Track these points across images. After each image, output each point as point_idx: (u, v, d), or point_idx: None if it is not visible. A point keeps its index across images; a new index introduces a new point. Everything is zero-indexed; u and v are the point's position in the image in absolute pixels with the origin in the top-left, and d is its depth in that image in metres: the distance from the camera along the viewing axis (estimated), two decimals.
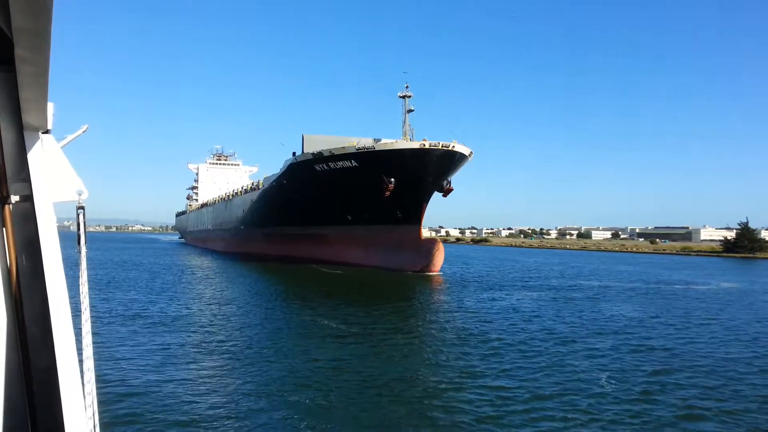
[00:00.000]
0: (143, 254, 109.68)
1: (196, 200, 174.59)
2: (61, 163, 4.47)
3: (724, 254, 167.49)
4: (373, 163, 61.15)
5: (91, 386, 3.97)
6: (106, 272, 61.19)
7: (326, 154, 64.49)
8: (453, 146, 59.72)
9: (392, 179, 60.94)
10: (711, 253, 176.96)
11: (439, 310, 36.64)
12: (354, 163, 62.73)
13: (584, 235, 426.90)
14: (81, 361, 3.93)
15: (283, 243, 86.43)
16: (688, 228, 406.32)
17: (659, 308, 40.08)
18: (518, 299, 43.22)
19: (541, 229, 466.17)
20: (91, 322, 4.25)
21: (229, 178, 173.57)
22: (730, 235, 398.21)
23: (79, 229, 4.39)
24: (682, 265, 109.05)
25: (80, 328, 4.14)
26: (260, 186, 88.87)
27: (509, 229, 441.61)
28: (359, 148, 61.34)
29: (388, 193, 61.49)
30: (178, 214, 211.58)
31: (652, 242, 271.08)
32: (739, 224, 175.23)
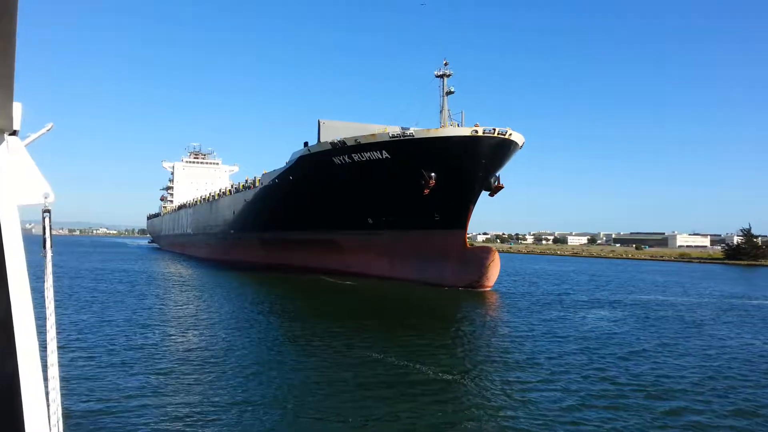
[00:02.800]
0: (115, 260, 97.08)
1: (171, 201, 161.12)
2: (27, 166, 4.44)
3: (727, 261, 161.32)
4: (411, 154, 50.34)
5: (56, 394, 3.98)
6: (79, 283, 49.09)
7: (350, 143, 53.37)
8: (510, 134, 49.27)
9: (432, 174, 50.19)
10: (712, 260, 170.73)
11: (512, 348, 26.11)
12: (385, 155, 51.76)
13: (560, 240, 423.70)
14: (45, 369, 3.97)
15: (283, 250, 74.82)
16: (663, 234, 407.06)
17: None
18: (642, 333, 32.96)
19: (517, 234, 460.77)
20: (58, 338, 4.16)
21: (207, 178, 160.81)
22: (705, 241, 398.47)
23: (44, 232, 4.32)
24: (703, 273, 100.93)
25: (45, 335, 4.15)
26: (257, 183, 77.07)
27: (485, 234, 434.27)
28: (394, 136, 50.41)
29: (427, 191, 50.73)
30: (151, 217, 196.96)
31: (638, 248, 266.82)
32: (741, 231, 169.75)
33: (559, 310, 40.35)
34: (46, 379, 3.93)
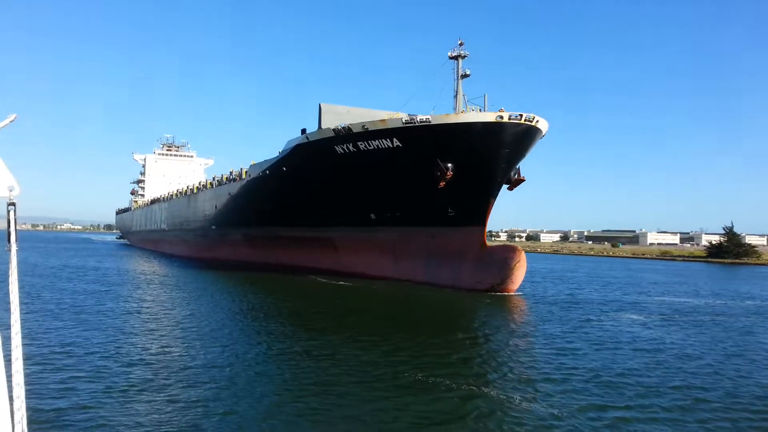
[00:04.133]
0: (82, 256, 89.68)
1: (143, 195, 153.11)
2: None
3: (710, 260, 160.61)
4: (426, 142, 45.29)
5: (20, 389, 4.00)
6: (47, 283, 42.68)
7: (357, 130, 47.99)
8: (537, 121, 44.57)
9: (449, 164, 45.20)
10: (695, 258, 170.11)
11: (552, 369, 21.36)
12: (396, 143, 46.55)
13: (533, 238, 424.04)
14: (9, 363, 4.05)
15: (271, 248, 69.07)
16: (635, 231, 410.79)
17: None
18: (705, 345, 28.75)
19: (490, 232, 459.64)
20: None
21: (181, 171, 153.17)
22: (674, 239, 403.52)
23: (9, 226, 4.33)
24: (696, 272, 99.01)
25: (9, 330, 4.19)
26: (243, 175, 71.03)
27: None
28: (407, 121, 45.21)
29: (443, 184, 45.75)
30: (120, 212, 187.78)
31: (614, 246, 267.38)
32: (724, 229, 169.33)
33: (597, 315, 36.60)
34: (9, 374, 4.05)
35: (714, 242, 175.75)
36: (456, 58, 50.66)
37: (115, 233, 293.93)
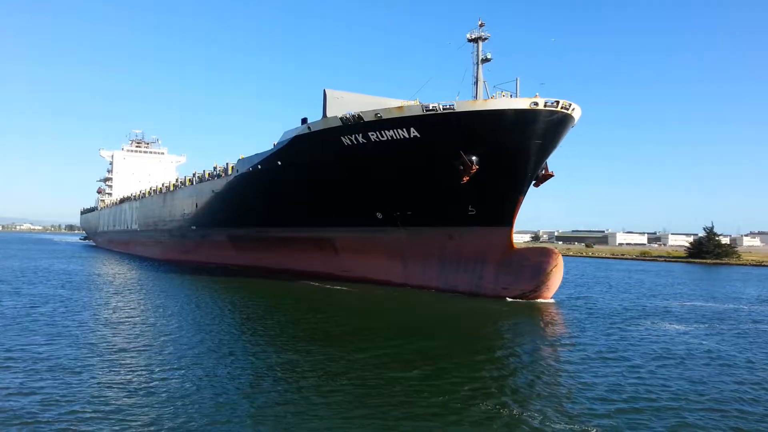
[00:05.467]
0: (45, 258, 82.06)
1: (110, 194, 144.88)
2: None
3: (690, 260, 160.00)
4: (448, 132, 40.53)
5: None
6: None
7: (369, 118, 42.92)
8: (573, 108, 40.23)
9: (474, 157, 40.51)
10: (676, 259, 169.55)
11: None
12: (414, 133, 41.64)
13: None
14: None
15: (260, 250, 63.44)
16: (604, 232, 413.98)
17: None
18: None
19: None
20: None
21: (151, 169, 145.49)
22: (642, 239, 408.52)
23: None
24: (689, 273, 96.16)
25: None
26: (229, 171, 65.13)
27: None
28: (428, 109, 40.33)
29: (466, 179, 41.04)
30: (85, 211, 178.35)
31: (588, 246, 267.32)
32: (705, 229, 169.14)
33: (641, 325, 32.67)
34: None
35: (691, 242, 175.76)
36: (475, 40, 45.97)
37: (79, 234, 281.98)
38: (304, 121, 48.90)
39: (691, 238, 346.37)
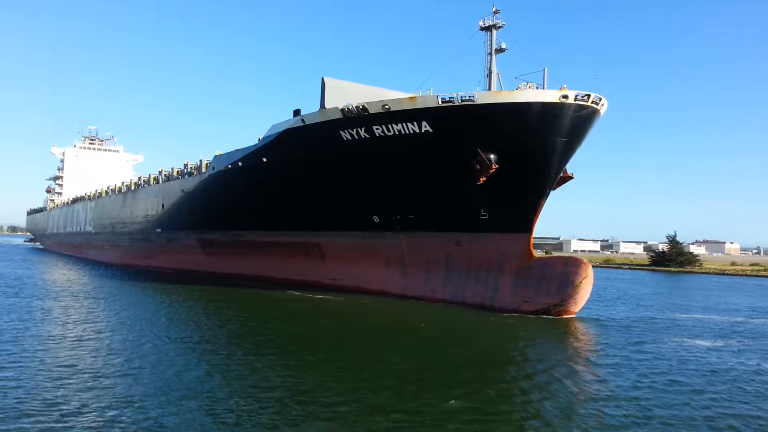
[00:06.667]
0: None
1: (61, 193, 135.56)
2: None
3: (654, 268, 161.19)
4: (466, 127, 36.52)
5: None
6: None
7: (375, 110, 38.50)
8: (602, 103, 36.84)
9: (492, 156, 36.61)
10: (640, 266, 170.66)
11: None
12: (426, 128, 37.46)
13: None
14: None
15: (235, 256, 58.05)
16: (558, 238, 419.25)
17: None
18: None
19: None
20: None
21: (106, 168, 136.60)
22: (595, 246, 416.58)
23: None
24: (661, 281, 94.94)
25: None
26: (204, 168, 59.46)
27: None
28: (445, 100, 36.20)
29: (483, 179, 37.11)
30: (32, 212, 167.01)
31: (547, 253, 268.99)
32: (668, 238, 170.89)
33: (668, 340, 29.91)
34: None
35: (654, 251, 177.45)
36: (489, 29, 42.24)
37: (23, 236, 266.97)
38: (296, 113, 44.04)
39: (641, 246, 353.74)
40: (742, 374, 22.62)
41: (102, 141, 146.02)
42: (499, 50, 42.08)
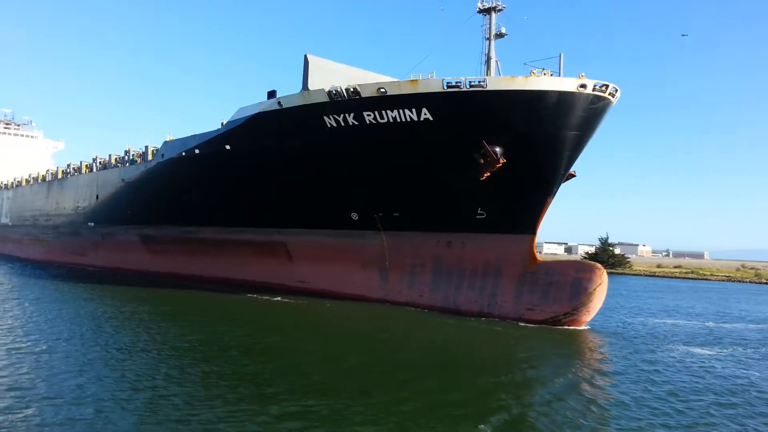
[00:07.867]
0: None
1: None
2: None
3: None
4: (471, 116, 32.96)
5: None
6: None
7: (369, 93, 34.28)
8: (618, 93, 34.26)
9: (498, 148, 33.23)
10: None
11: None
12: (425, 115, 33.60)
13: None
14: None
15: (189, 254, 52.11)
16: None
17: None
18: None
19: None
20: None
21: (22, 155, 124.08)
22: (559, 249, 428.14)
23: None
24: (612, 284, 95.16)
25: None
26: (151, 156, 52.99)
27: None
28: (452, 85, 32.46)
29: (488, 174, 33.70)
30: None
31: None
32: (600, 239, 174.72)
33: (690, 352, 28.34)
34: None
35: (590, 252, 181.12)
36: (487, 11, 38.78)
37: None
38: (271, 94, 38.95)
39: (562, 248, 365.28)
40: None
41: (18, 126, 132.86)
42: (499, 35, 38.73)
